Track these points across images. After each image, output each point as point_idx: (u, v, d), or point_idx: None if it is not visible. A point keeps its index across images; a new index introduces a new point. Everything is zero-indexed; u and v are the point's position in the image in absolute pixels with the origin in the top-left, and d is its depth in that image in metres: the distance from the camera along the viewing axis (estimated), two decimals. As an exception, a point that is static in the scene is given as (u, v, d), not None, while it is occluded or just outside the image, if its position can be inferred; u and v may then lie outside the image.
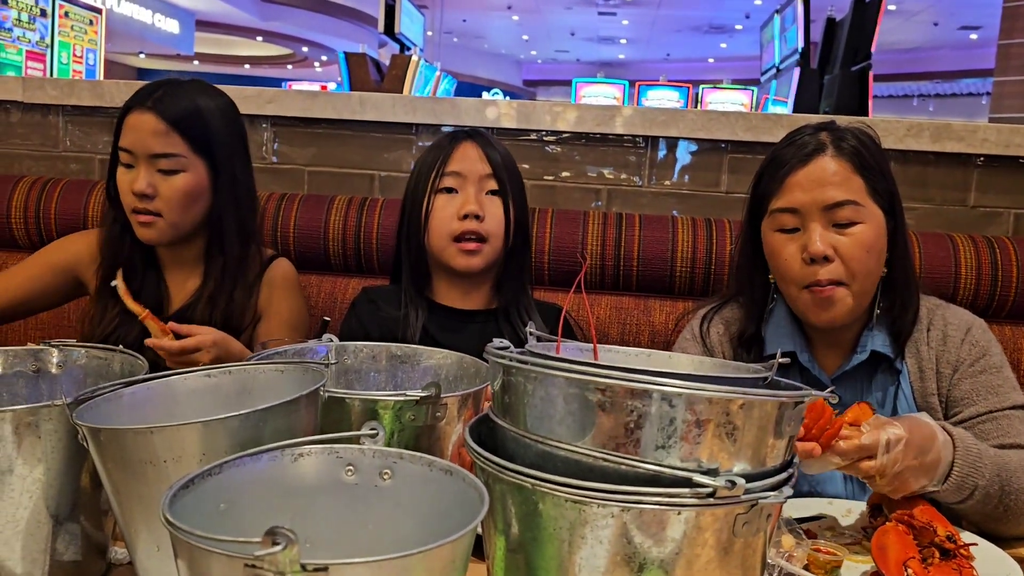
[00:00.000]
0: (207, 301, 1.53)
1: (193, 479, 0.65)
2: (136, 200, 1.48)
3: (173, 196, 1.48)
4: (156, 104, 1.48)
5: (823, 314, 1.28)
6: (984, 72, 12.55)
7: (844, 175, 1.27)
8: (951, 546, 1.01)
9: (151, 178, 1.47)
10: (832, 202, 1.26)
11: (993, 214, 1.98)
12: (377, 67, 6.77)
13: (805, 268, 1.27)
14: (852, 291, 1.27)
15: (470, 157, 1.49)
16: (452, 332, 1.51)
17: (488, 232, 1.48)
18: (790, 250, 1.29)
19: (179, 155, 1.48)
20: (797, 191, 1.28)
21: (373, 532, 0.72)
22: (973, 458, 1.13)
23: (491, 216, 1.48)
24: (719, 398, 0.67)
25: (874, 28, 5.36)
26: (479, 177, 1.48)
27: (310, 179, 2.16)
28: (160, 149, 1.47)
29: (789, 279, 1.30)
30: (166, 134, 1.47)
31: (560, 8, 14.59)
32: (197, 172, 1.50)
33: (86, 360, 1.04)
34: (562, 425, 0.70)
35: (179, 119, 1.48)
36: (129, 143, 1.49)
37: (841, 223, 1.26)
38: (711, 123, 2.01)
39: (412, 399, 0.90)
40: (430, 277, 1.56)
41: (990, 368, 1.32)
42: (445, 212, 1.48)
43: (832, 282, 1.26)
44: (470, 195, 1.48)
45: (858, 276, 1.27)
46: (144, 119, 1.48)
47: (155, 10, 13.69)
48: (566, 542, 0.68)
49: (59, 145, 2.23)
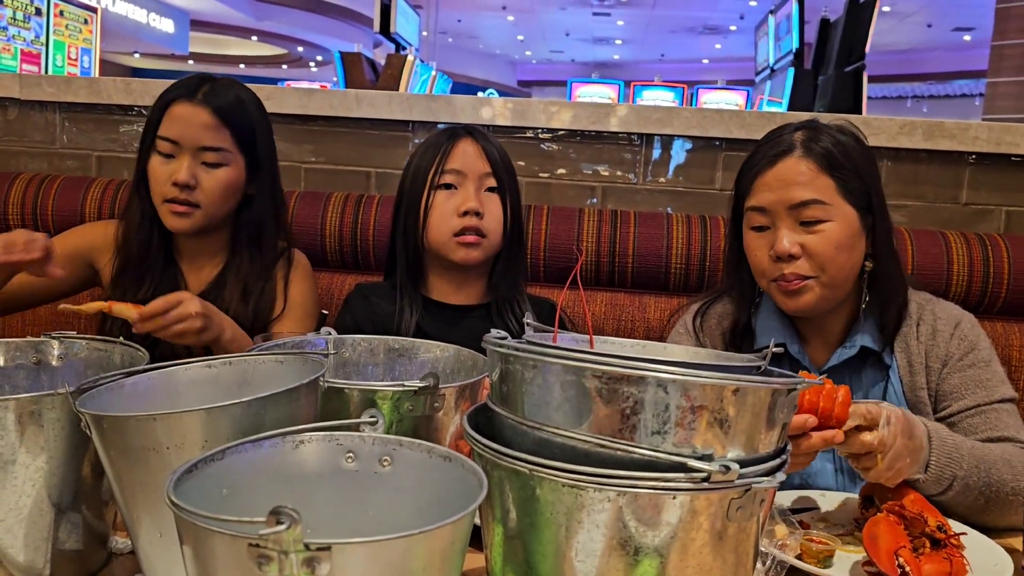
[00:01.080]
0: (240, 297, 1.55)
1: (196, 464, 0.66)
2: (175, 191, 1.49)
3: (215, 188, 1.51)
4: (207, 97, 1.51)
5: (791, 303, 1.32)
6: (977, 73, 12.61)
7: (811, 175, 1.29)
8: (941, 536, 1.02)
9: (195, 169, 1.49)
10: (797, 201, 1.29)
11: (985, 211, 1.99)
12: (372, 67, 6.77)
13: (772, 264, 1.31)
14: (820, 282, 1.30)
15: (470, 154, 1.50)
16: (445, 327, 1.52)
17: (487, 229, 1.49)
18: (760, 246, 1.33)
19: (226, 150, 1.51)
20: (765, 191, 1.31)
21: (373, 518, 0.73)
22: (949, 449, 1.15)
23: (490, 213, 1.50)
24: (713, 384, 0.68)
25: (868, 29, 5.39)
26: (479, 175, 1.50)
27: (307, 176, 2.17)
28: (209, 143, 1.50)
29: (760, 273, 1.35)
30: (217, 128, 1.50)
31: (555, 8, 14.61)
32: (238, 167, 1.54)
33: (87, 352, 1.05)
34: (559, 412, 0.71)
35: (228, 114, 1.51)
36: (176, 134, 1.50)
37: (808, 221, 1.29)
38: (706, 121, 2.02)
39: (410, 389, 0.91)
40: (424, 273, 1.57)
41: (979, 362, 1.34)
42: (445, 208, 1.49)
43: (797, 278, 1.29)
44: (470, 192, 1.49)
45: (827, 270, 1.29)
46: (195, 112, 1.50)
47: (150, 9, 13.67)
48: (563, 527, 0.70)
49: (56, 142, 2.24)
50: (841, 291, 1.34)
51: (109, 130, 2.22)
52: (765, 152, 1.33)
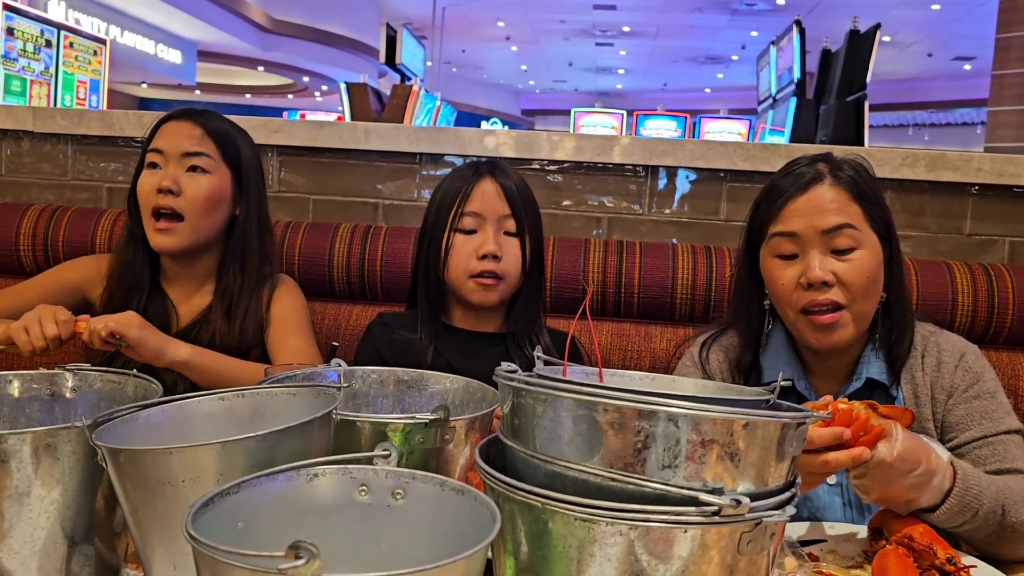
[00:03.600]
0: (223, 316, 1.57)
1: (212, 498, 0.67)
2: (159, 197, 1.53)
3: (198, 195, 1.54)
4: (195, 115, 1.59)
5: (824, 339, 1.30)
6: (978, 102, 12.70)
7: (842, 202, 1.30)
8: (951, 568, 1.02)
9: (178, 175, 1.54)
10: (831, 226, 1.28)
11: (988, 242, 2.01)
12: (378, 96, 6.84)
13: (802, 292, 1.30)
14: (852, 313, 1.29)
15: (489, 195, 1.51)
16: (465, 354, 1.54)
17: (505, 271, 1.51)
18: (788, 275, 1.31)
19: (209, 156, 1.57)
20: (796, 217, 1.30)
21: (386, 551, 0.73)
22: (972, 488, 1.14)
23: (508, 256, 1.51)
24: (723, 419, 0.69)
25: (869, 59, 5.44)
26: (498, 217, 1.51)
27: (315, 207, 2.19)
28: (192, 148, 1.56)
29: (786, 303, 1.33)
30: (201, 137, 1.57)
31: (558, 39, 14.77)
32: (223, 179, 1.58)
33: (100, 384, 1.06)
34: (571, 446, 0.72)
35: (214, 129, 1.59)
36: (162, 144, 1.57)
37: (840, 249, 1.29)
38: (710, 152, 2.04)
39: (421, 422, 0.92)
40: (446, 302, 1.60)
41: (984, 394, 1.34)
42: (464, 251, 1.51)
43: (832, 305, 1.28)
44: (489, 236, 1.50)
45: (857, 300, 1.29)
46: (182, 124, 1.58)
47: (158, 40, 13.84)
48: (575, 560, 0.70)
49: (68, 174, 2.27)
50: (866, 324, 1.33)
51: (120, 161, 2.25)
52: (792, 180, 1.33)
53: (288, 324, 1.62)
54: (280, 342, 1.59)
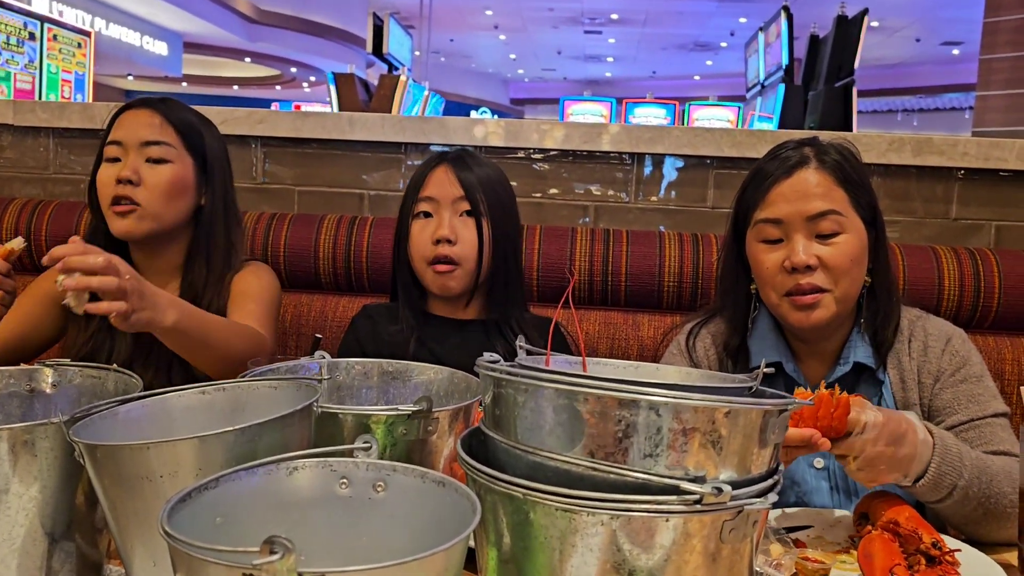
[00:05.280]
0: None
1: (190, 493, 0.66)
2: (118, 188, 1.47)
3: (158, 184, 1.49)
4: (154, 104, 1.53)
5: (804, 318, 1.31)
6: (967, 87, 12.72)
7: (827, 187, 1.30)
8: (936, 553, 1.02)
9: (137, 165, 1.49)
10: (815, 212, 1.29)
11: (975, 226, 2.01)
12: (365, 87, 6.81)
13: (786, 276, 1.30)
14: (835, 297, 1.30)
15: (443, 181, 1.51)
16: (446, 342, 1.54)
17: (460, 256, 1.50)
18: (772, 259, 1.32)
19: (170, 145, 1.51)
20: (781, 202, 1.31)
21: (368, 544, 0.73)
22: (952, 458, 1.15)
23: (464, 240, 1.50)
24: (705, 407, 0.69)
25: (857, 44, 5.44)
26: (451, 200, 1.51)
27: (300, 198, 2.17)
28: (152, 137, 1.50)
29: (770, 287, 1.33)
30: (160, 125, 1.52)
31: (547, 27, 14.71)
32: (184, 166, 1.53)
33: (80, 379, 1.05)
34: (552, 436, 0.71)
35: (176, 119, 1.53)
36: (120, 135, 1.51)
37: (824, 234, 1.29)
38: (696, 139, 2.04)
39: (404, 413, 0.92)
40: (425, 292, 1.59)
41: (971, 377, 1.35)
42: (421, 236, 1.52)
43: (814, 288, 1.29)
44: (443, 220, 1.50)
45: (841, 283, 1.30)
46: (140, 113, 1.52)
47: (143, 32, 13.73)
48: (557, 551, 0.70)
49: (49, 167, 2.24)
50: (848, 307, 1.34)
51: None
52: (777, 165, 1.33)
53: (249, 293, 1.55)
54: (239, 307, 1.51)
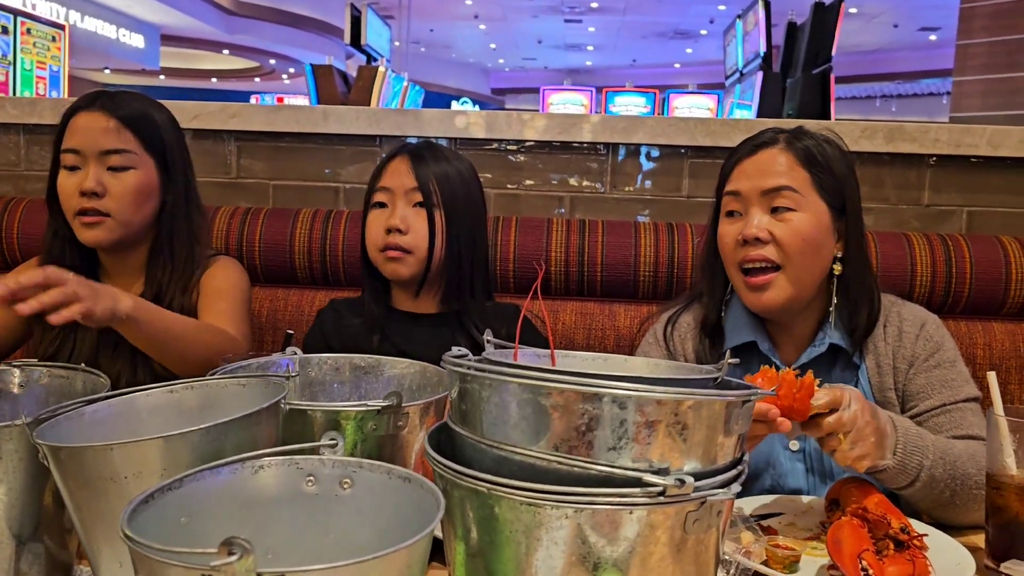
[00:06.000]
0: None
1: (152, 494, 0.66)
2: (83, 200, 1.45)
3: (125, 194, 1.47)
4: (105, 104, 1.48)
5: (756, 299, 1.34)
6: (944, 72, 12.78)
7: (788, 165, 1.33)
8: (904, 537, 1.04)
9: (100, 175, 1.46)
10: (771, 187, 1.32)
11: (947, 212, 2.02)
12: (344, 79, 6.76)
13: (739, 248, 1.33)
14: (787, 276, 1.32)
15: (398, 172, 1.53)
16: (409, 336, 1.56)
17: (411, 245, 1.51)
18: (730, 231, 1.36)
19: (130, 151, 1.48)
20: (742, 177, 1.35)
21: (334, 541, 0.73)
22: (914, 438, 1.17)
23: (415, 230, 1.51)
24: (668, 399, 0.69)
25: (834, 31, 5.45)
26: (405, 191, 1.52)
27: (275, 193, 2.16)
28: (111, 145, 1.46)
29: (728, 261, 1.37)
30: (117, 131, 1.47)
31: (527, 16, 14.66)
32: (148, 170, 1.50)
33: (48, 379, 1.04)
34: (516, 430, 0.71)
35: (130, 117, 1.49)
36: (77, 143, 1.47)
37: (779, 208, 1.32)
38: (671, 129, 2.04)
39: (373, 409, 0.92)
40: (389, 286, 1.61)
41: (944, 363, 1.36)
42: (375, 225, 1.54)
43: (764, 262, 1.31)
44: (396, 209, 1.52)
45: (792, 261, 1.31)
46: (93, 118, 1.47)
47: (119, 25, 13.58)
48: (523, 544, 0.70)
49: (21, 164, 2.22)
50: (807, 291, 1.35)
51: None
52: (748, 143, 1.38)
53: (219, 292, 1.54)
54: (209, 307, 1.51)
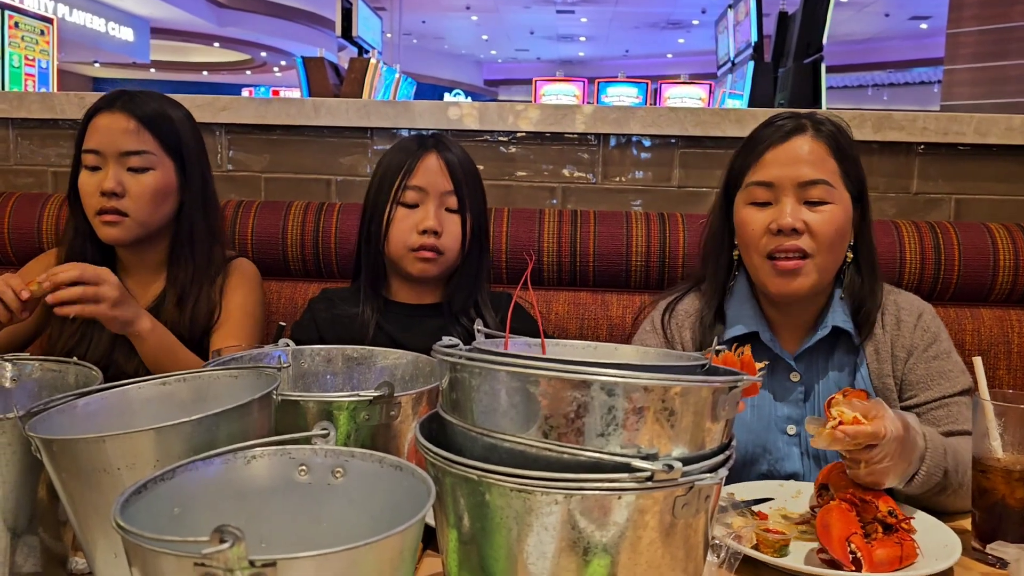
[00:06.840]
0: (175, 304, 1.54)
1: (145, 484, 0.66)
2: (103, 200, 1.49)
3: (143, 194, 1.51)
4: (125, 105, 1.51)
5: (784, 285, 1.32)
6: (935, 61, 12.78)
7: (820, 156, 1.33)
8: (892, 520, 1.05)
9: (120, 176, 1.50)
10: (807, 179, 1.31)
11: (935, 200, 2.04)
12: (336, 71, 6.74)
13: (770, 238, 1.32)
14: (816, 264, 1.32)
15: (433, 170, 1.51)
16: (406, 328, 1.55)
17: (445, 247, 1.51)
18: (759, 219, 1.34)
19: (150, 152, 1.51)
20: (774, 166, 1.33)
21: (327, 530, 0.74)
22: (938, 457, 1.17)
23: (448, 232, 1.52)
24: (655, 386, 0.70)
25: (825, 20, 5.45)
26: (440, 193, 1.51)
27: (267, 186, 2.16)
28: (131, 147, 1.50)
29: (753, 248, 1.35)
30: (137, 132, 1.50)
31: (518, 7, 14.61)
32: (166, 171, 1.53)
33: (40, 373, 1.04)
34: (506, 418, 0.72)
35: (149, 118, 1.52)
36: (97, 143, 1.51)
37: (813, 201, 1.31)
38: (661, 119, 2.04)
39: (366, 399, 0.92)
40: (387, 277, 1.60)
41: (942, 354, 1.38)
42: (405, 224, 1.51)
43: (797, 252, 1.31)
44: (430, 211, 1.50)
45: (823, 251, 1.31)
46: (114, 118, 1.51)
47: (108, 18, 13.50)
48: (514, 531, 0.71)
49: (10, 158, 2.21)
50: (828, 277, 1.36)
51: (64, 145, 2.20)
52: (774, 131, 1.36)
53: (235, 321, 1.58)
54: (222, 340, 1.55)
